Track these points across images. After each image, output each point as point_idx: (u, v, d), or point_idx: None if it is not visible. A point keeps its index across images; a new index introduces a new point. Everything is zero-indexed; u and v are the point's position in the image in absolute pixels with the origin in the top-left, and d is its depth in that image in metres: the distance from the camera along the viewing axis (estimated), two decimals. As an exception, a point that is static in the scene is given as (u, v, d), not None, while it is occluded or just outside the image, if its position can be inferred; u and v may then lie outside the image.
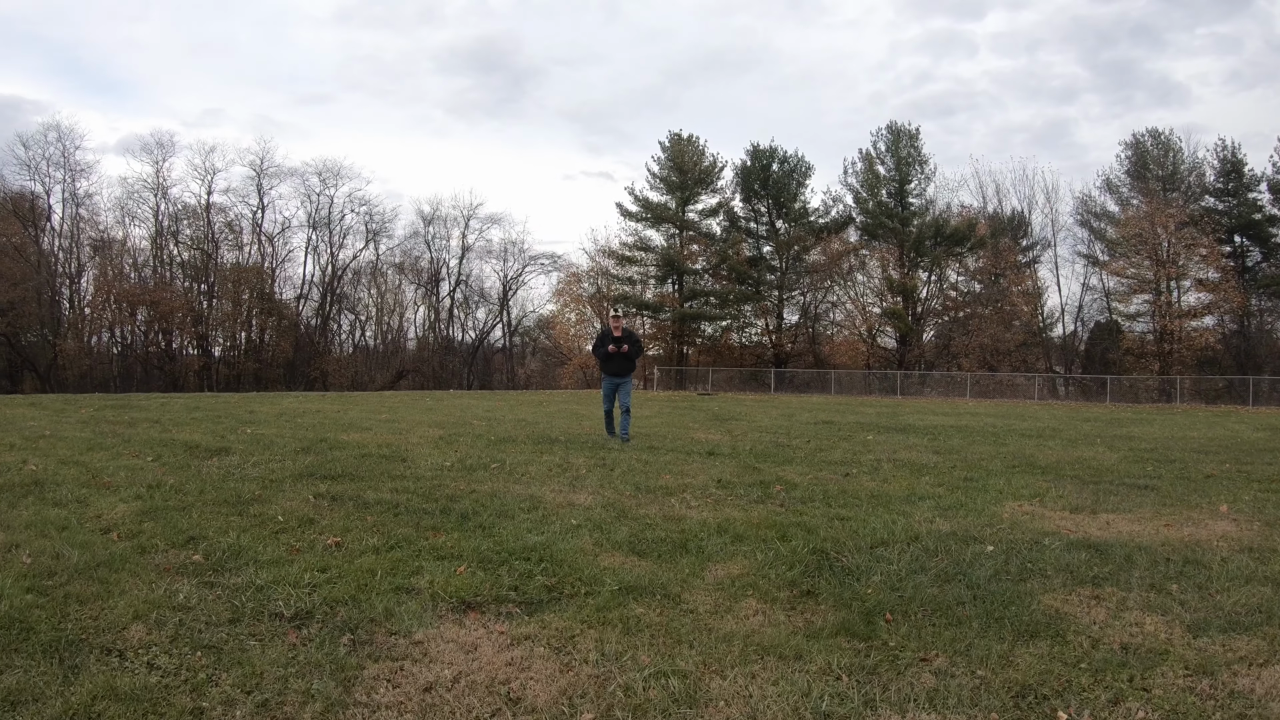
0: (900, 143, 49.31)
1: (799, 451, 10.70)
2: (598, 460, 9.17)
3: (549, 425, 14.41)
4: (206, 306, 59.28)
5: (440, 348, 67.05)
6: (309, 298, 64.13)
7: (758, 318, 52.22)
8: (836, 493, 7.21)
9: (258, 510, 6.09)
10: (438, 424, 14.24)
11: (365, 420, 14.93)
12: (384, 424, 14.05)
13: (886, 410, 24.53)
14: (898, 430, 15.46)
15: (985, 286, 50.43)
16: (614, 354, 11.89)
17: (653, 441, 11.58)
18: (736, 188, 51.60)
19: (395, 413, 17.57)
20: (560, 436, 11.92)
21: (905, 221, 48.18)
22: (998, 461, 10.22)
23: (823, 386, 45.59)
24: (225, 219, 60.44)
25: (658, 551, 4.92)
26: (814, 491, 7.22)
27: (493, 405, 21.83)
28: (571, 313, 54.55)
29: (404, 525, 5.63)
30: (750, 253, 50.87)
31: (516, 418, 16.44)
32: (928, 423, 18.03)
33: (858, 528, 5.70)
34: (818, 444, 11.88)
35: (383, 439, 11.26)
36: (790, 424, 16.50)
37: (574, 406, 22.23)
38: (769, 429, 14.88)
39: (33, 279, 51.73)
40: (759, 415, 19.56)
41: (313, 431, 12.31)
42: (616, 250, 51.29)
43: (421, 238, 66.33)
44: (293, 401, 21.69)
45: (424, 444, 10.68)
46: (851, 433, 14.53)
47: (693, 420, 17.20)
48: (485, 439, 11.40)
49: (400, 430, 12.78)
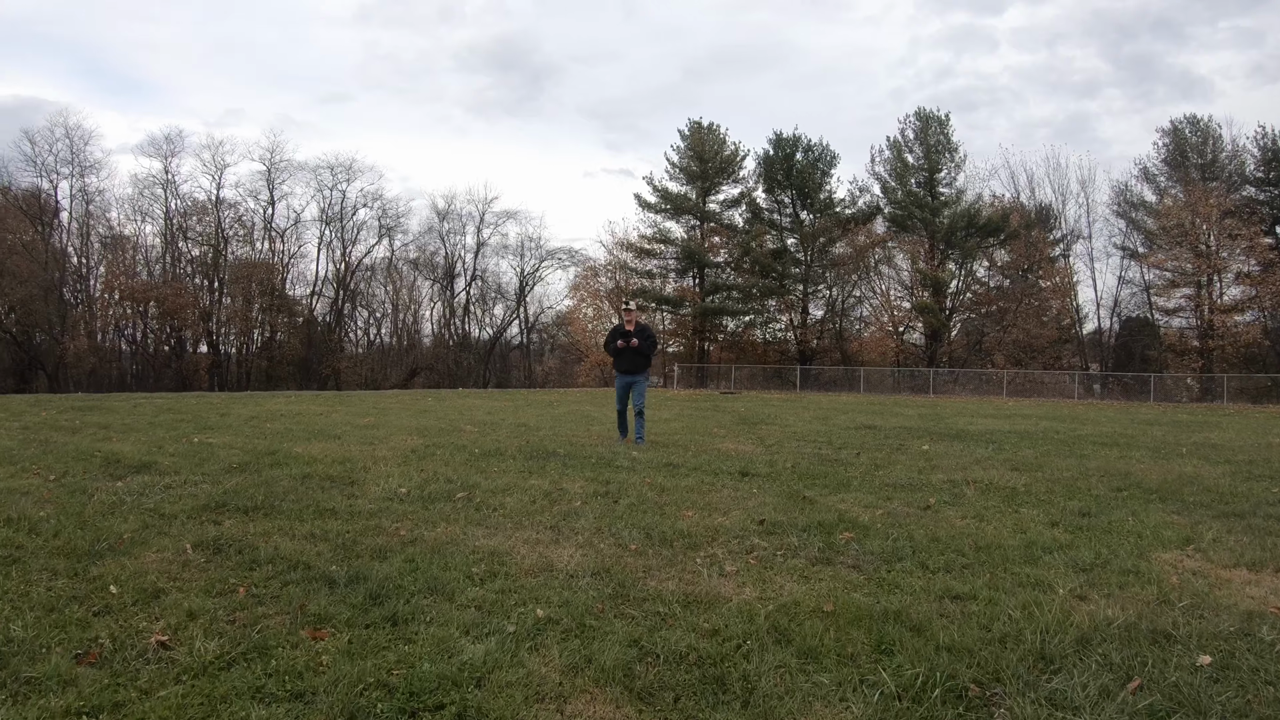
0: (929, 130, 46.95)
1: (852, 469, 8.64)
2: (600, 485, 7.16)
3: (551, 432, 12.41)
4: (216, 303, 57.93)
5: (455, 345, 65.44)
6: (322, 294, 62.73)
7: (781, 313, 50.03)
8: (926, 541, 5.16)
9: (104, 569, 4.34)
10: (422, 430, 12.29)
11: (342, 425, 13.03)
12: (360, 430, 12.13)
13: (926, 411, 22.40)
14: (951, 437, 13.39)
15: (1015, 280, 48.12)
16: (625, 349, 10.89)
17: (671, 454, 9.56)
18: (759, 178, 49.38)
19: (383, 416, 15.66)
20: (560, 449, 9.91)
21: (935, 212, 45.83)
22: (1095, 481, 8.15)
23: (850, 385, 43.44)
24: (235, 214, 59.07)
25: (674, 694, 2.88)
26: (896, 540, 5.16)
27: (496, 406, 19.89)
28: (589, 308, 52.62)
29: (280, 609, 3.67)
30: (774, 245, 48.60)
31: (517, 422, 14.47)
32: (979, 427, 15.92)
33: (987, 619, 3.64)
34: (870, 457, 9.82)
35: (345, 451, 9.33)
36: (828, 429, 14.43)
37: (586, 408, 20.25)
38: (806, 436, 12.82)
39: (41, 277, 50.62)
40: (790, 418, 17.49)
41: (269, 441, 10.42)
42: (635, 243, 49.30)
43: (436, 233, 64.77)
44: (279, 403, 19.85)
45: (390, 459, 8.73)
46: (901, 440, 12.46)
47: (717, 424, 15.16)
48: (468, 451, 9.42)
49: (374, 439, 10.85)
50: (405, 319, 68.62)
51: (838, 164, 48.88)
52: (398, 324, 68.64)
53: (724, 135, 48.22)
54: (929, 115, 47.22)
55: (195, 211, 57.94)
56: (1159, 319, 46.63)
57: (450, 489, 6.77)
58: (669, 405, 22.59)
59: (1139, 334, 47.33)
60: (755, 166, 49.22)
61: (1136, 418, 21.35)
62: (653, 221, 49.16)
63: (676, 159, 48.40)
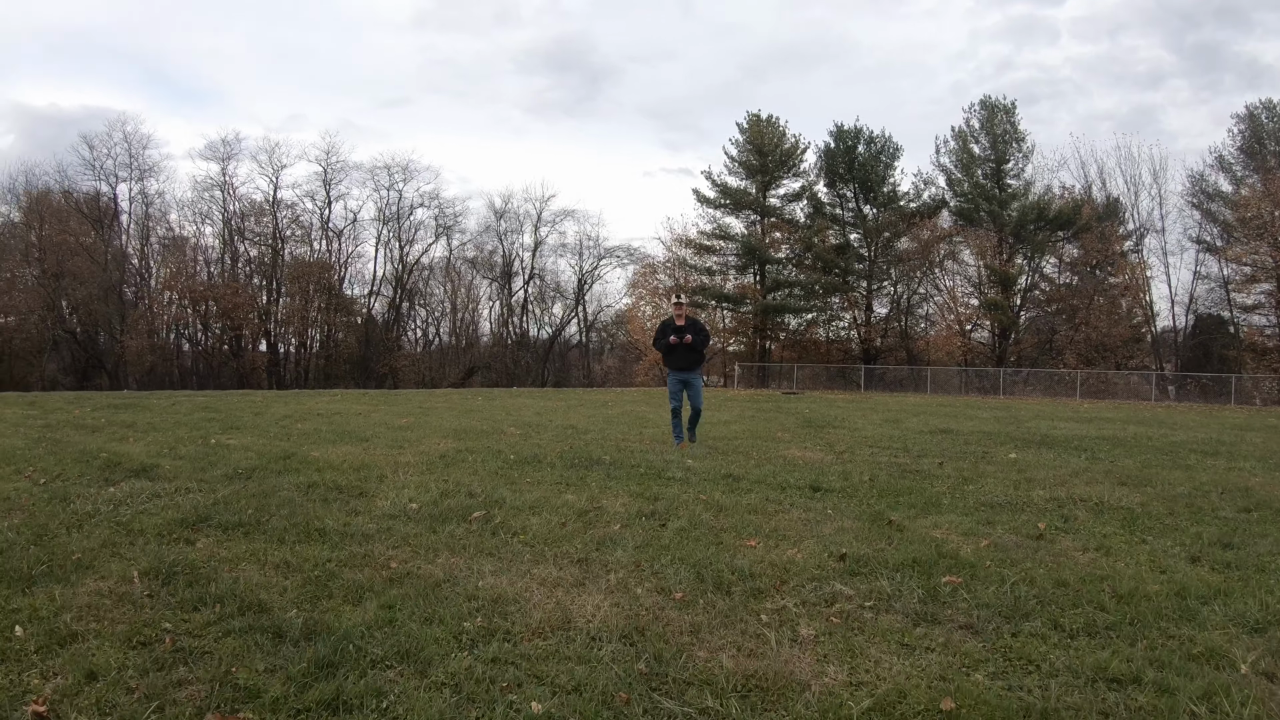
0: (995, 119, 44.85)
1: (938, 483, 7.47)
2: (646, 501, 6.13)
3: (600, 436, 11.41)
4: (273, 303, 58.34)
5: (514, 344, 65.06)
6: (380, 294, 62.87)
7: (844, 310, 48.39)
8: (1051, 587, 4.01)
9: (29, 600, 3.64)
10: (460, 433, 11.39)
11: (377, 426, 12.22)
12: (394, 432, 11.28)
13: (1001, 414, 20.92)
14: (1037, 443, 12.07)
15: (1084, 276, 45.86)
16: (677, 345, 10.17)
17: (731, 463, 8.50)
18: (820, 172, 47.63)
19: (425, 416, 14.85)
20: (607, 455, 8.89)
21: (1003, 204, 43.79)
22: (1216, 499, 6.89)
23: (917, 385, 41.78)
24: (292, 215, 59.45)
25: None
26: (1014, 586, 4.00)
27: (547, 406, 19.00)
28: (647, 305, 51.62)
29: (204, 674, 2.75)
30: (836, 240, 46.98)
31: (565, 424, 13.51)
32: (1063, 432, 14.50)
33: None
34: (955, 468, 8.63)
35: (367, 456, 8.47)
36: (901, 433, 13.18)
37: (641, 408, 19.25)
38: (878, 441, 11.61)
39: (101, 278, 51.51)
40: (858, 420, 16.24)
41: (291, 443, 9.64)
42: (694, 239, 47.99)
43: (494, 232, 64.48)
44: (323, 401, 19.23)
45: (414, 466, 7.83)
46: (984, 447, 11.20)
47: (780, 427, 14.01)
48: (502, 458, 8.47)
49: (404, 442, 9.98)
50: (463, 318, 68.53)
51: (901, 156, 47.05)
52: (456, 323, 68.59)
53: (784, 128, 46.74)
54: (994, 104, 45.16)
55: (253, 213, 58.45)
56: (1237, 316, 44.04)
57: (469, 505, 5.80)
58: (729, 406, 21.47)
59: (1215, 332, 44.76)
60: (816, 160, 47.58)
61: (1225, 422, 19.66)
62: (712, 217, 47.88)
63: (735, 153, 47.05)
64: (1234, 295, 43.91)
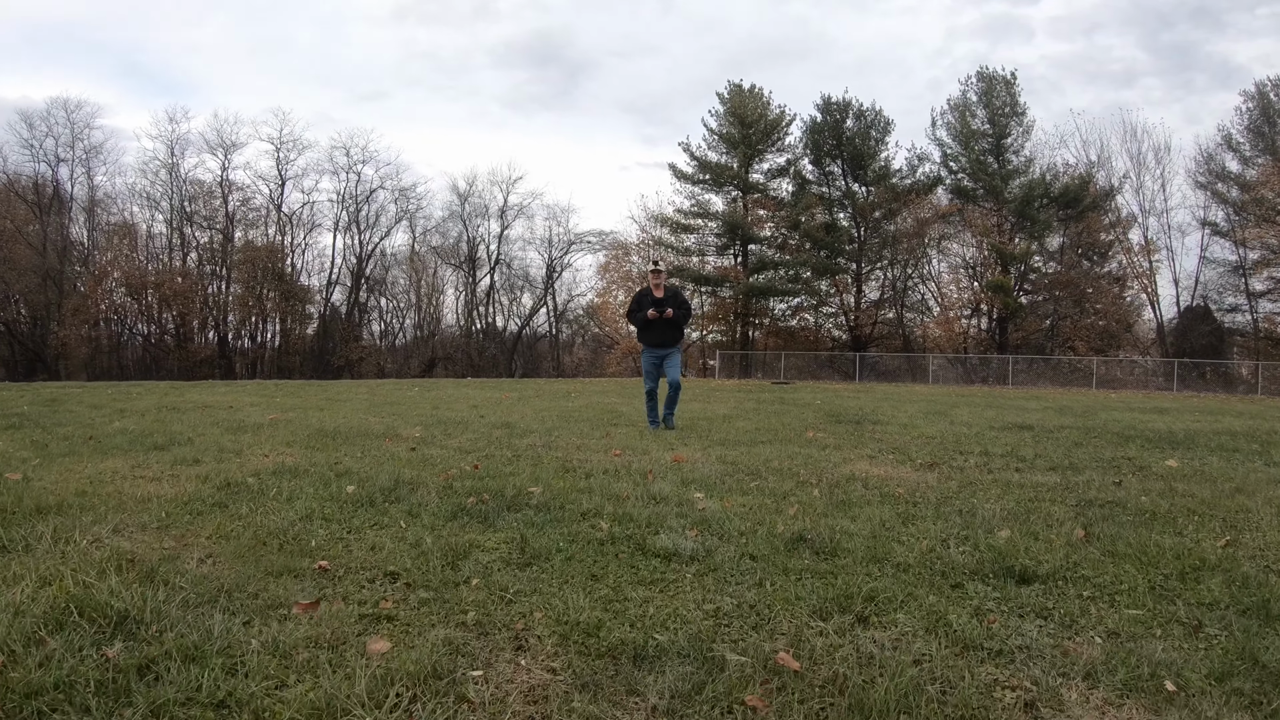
0: (994, 92, 41.32)
1: (1185, 530, 3.75)
2: (594, 650, 2.36)
3: (544, 441, 7.45)
4: (223, 291, 54.00)
5: (479, 335, 61.07)
6: (340, 282, 58.67)
7: (833, 294, 44.72)
8: None
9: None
10: (330, 436, 7.44)
11: (231, 425, 8.30)
12: (242, 435, 7.37)
13: (1049, 405, 17.37)
14: (1167, 442, 8.51)
15: (1089, 257, 42.64)
16: (655, 320, 8.89)
17: (776, 492, 4.72)
18: (805, 148, 43.87)
19: (319, 410, 10.96)
20: (538, 486, 4.88)
21: (1005, 180, 40.33)
22: None
23: (914, 374, 38.36)
24: (243, 197, 55.03)
25: None
26: None
27: (492, 398, 15.12)
28: (619, 291, 47.71)
29: None
30: (823, 219, 43.30)
31: (500, 421, 9.60)
32: (1170, 427, 10.96)
33: None
34: (1144, 489, 4.93)
35: (119, 482, 4.62)
36: (971, 431, 9.43)
37: (610, 399, 15.43)
38: (957, 444, 7.87)
39: (40, 265, 47.21)
40: (892, 411, 12.47)
41: (62, 445, 5.75)
42: (671, 217, 44.10)
43: (458, 216, 60.38)
44: (221, 393, 15.25)
45: (162, 500, 3.98)
46: (1109, 449, 7.63)
47: (802, 422, 10.23)
48: (335, 490, 4.53)
49: (235, 450, 6.15)
50: (427, 308, 64.46)
51: (893, 130, 43.38)
52: (420, 314, 64.51)
53: (767, 98, 42.92)
54: (993, 76, 41.64)
55: (202, 195, 54.03)
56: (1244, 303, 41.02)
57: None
58: (719, 397, 17.69)
59: (1202, 320, 41.66)
60: (802, 135, 43.81)
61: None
62: (691, 194, 43.99)
63: (715, 125, 43.15)
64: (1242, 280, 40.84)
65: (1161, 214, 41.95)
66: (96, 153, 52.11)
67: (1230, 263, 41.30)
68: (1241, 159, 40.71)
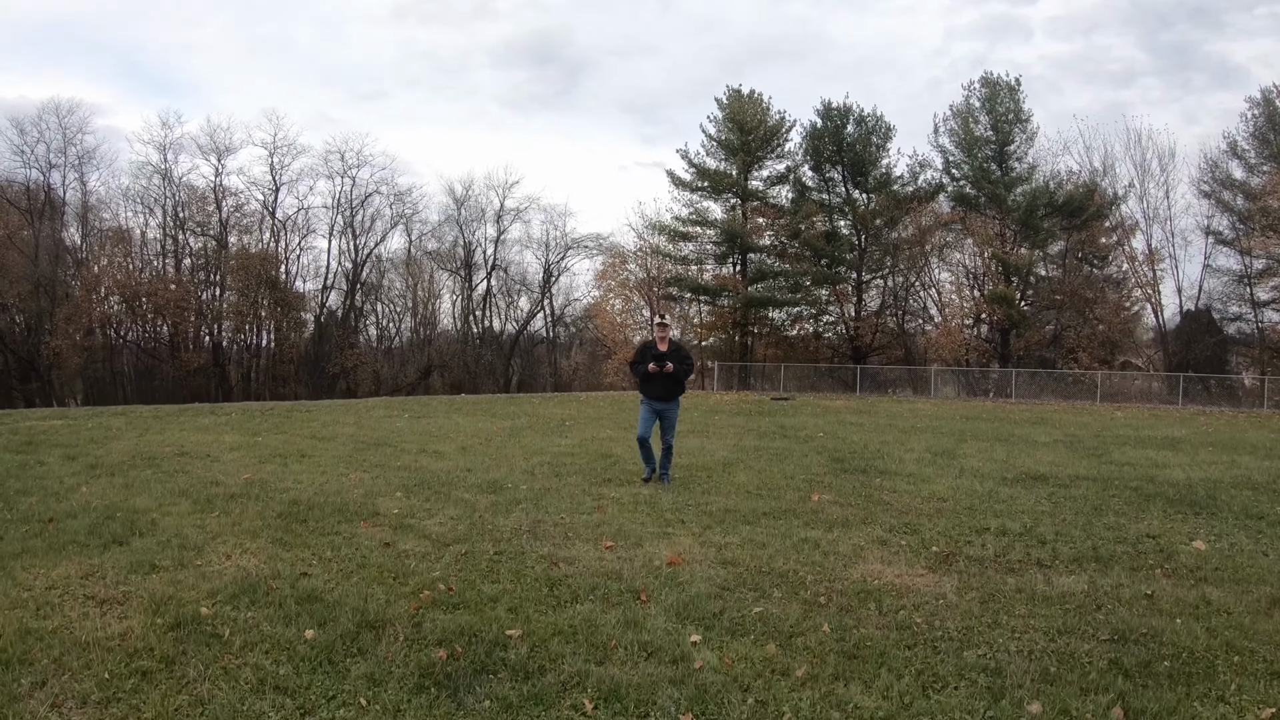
0: (998, 98, 40.83)
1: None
2: None
3: (535, 520, 7.01)
4: (217, 298, 53.52)
5: (476, 341, 60.61)
6: (334, 287, 58.22)
7: (832, 302, 44.23)
8: None
9: None
10: (304, 517, 7.00)
11: (185, 494, 7.87)
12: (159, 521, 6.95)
13: (1054, 431, 16.95)
14: (1169, 504, 8.31)
15: (1094, 267, 42.28)
16: (657, 374, 9.01)
17: (771, 629, 4.32)
18: (805, 153, 43.27)
19: (312, 454, 10.52)
20: (515, 629, 4.42)
21: (1009, 188, 39.87)
22: None
23: (915, 385, 38.00)
24: (237, 203, 54.55)
25: None
26: None
27: (485, 430, 14.68)
28: (616, 299, 47.26)
29: None
30: (823, 227, 42.81)
31: (489, 480, 9.17)
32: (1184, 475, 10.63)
33: None
34: (1178, 606, 4.52)
35: (76, 618, 4.21)
36: (981, 486, 8.98)
37: (605, 431, 15.03)
38: (970, 508, 7.43)
39: (32, 273, 46.73)
40: (897, 451, 12.02)
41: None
42: (669, 225, 43.54)
43: (454, 220, 59.92)
44: (202, 430, 14.79)
45: None
46: (1127, 517, 7.28)
47: (804, 472, 9.81)
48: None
49: (190, 548, 5.71)
50: (423, 313, 64.00)
51: (894, 136, 42.82)
52: (416, 319, 64.06)
53: (767, 104, 42.39)
54: (997, 81, 41.13)
55: (195, 201, 53.53)
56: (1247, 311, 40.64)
57: None
58: (716, 423, 17.27)
59: (1207, 330, 41.26)
60: (801, 140, 43.19)
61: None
62: (688, 201, 43.33)
63: (714, 131, 42.60)
64: (1248, 289, 40.41)
65: (1165, 221, 41.57)
66: (89, 158, 51.70)
67: (1234, 272, 40.90)
68: (1247, 166, 40.26)
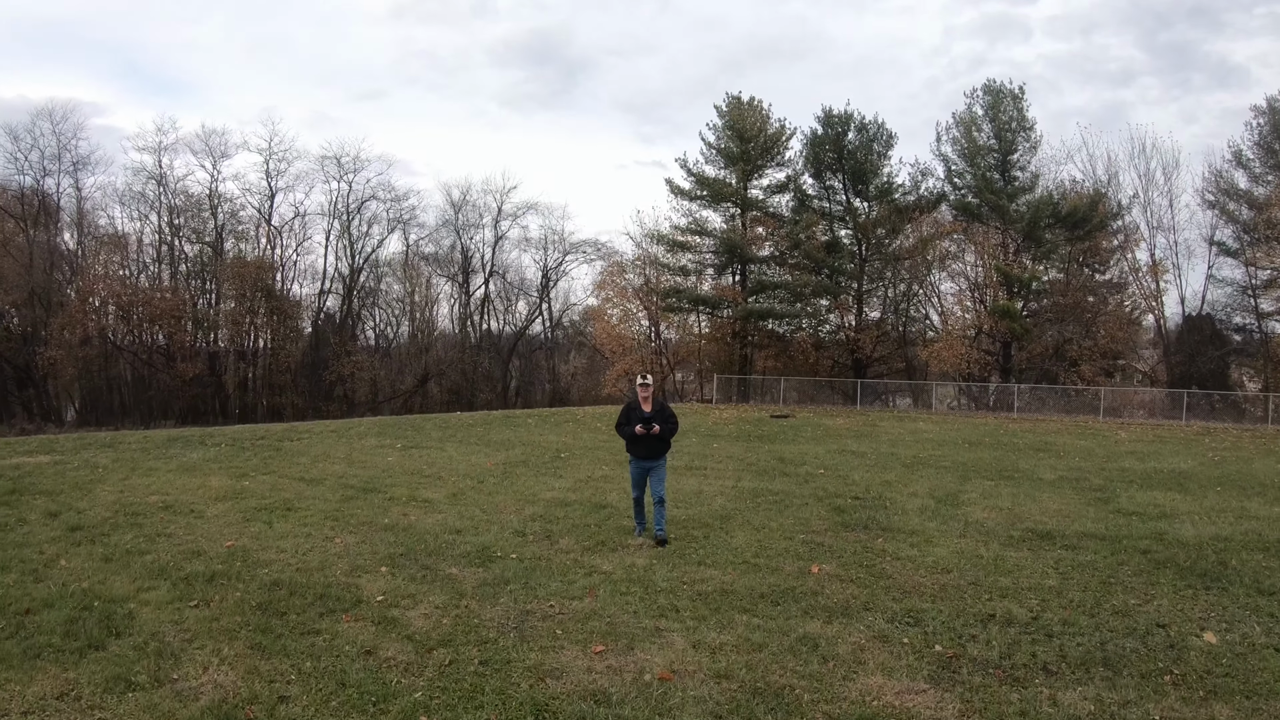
0: (1001, 106, 40.41)
1: None
2: None
3: (523, 613, 6.65)
4: (213, 305, 53.19)
5: (473, 347, 60.26)
6: (331, 292, 57.93)
7: (830, 311, 43.86)
8: None
9: None
10: (284, 607, 6.64)
11: (164, 574, 7.55)
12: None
13: (1057, 463, 16.62)
14: (1180, 571, 8.13)
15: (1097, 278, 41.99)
16: (643, 436, 9.21)
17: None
18: (806, 161, 42.81)
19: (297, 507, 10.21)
20: None
21: (1011, 198, 39.51)
22: None
23: (916, 398, 37.73)
24: (232, 209, 54.21)
25: None
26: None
27: (477, 469, 14.35)
28: (615, 309, 46.87)
29: None
30: (824, 236, 42.41)
31: (479, 549, 8.85)
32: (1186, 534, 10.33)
33: None
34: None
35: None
36: (987, 550, 8.65)
37: (601, 470, 14.70)
38: (976, 584, 7.09)
39: (26, 281, 46.38)
40: (898, 497, 11.66)
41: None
42: (667, 235, 43.06)
43: (452, 226, 59.59)
44: (189, 474, 14.48)
45: None
46: (1125, 587, 7.15)
47: (803, 527, 9.49)
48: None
49: (167, 654, 5.40)
50: (420, 318, 63.65)
51: (895, 144, 42.32)
52: (414, 324, 63.71)
53: (767, 111, 41.95)
54: (1000, 89, 40.67)
55: (190, 208, 53.21)
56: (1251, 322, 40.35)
57: None
58: (714, 453, 16.94)
59: (1211, 340, 40.95)
60: (802, 148, 42.67)
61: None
62: (687, 210, 42.81)
63: (713, 139, 42.15)
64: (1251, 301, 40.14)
65: (1169, 231, 41.28)
66: (85, 163, 51.39)
67: (1238, 282, 40.61)
68: (1251, 176, 39.92)
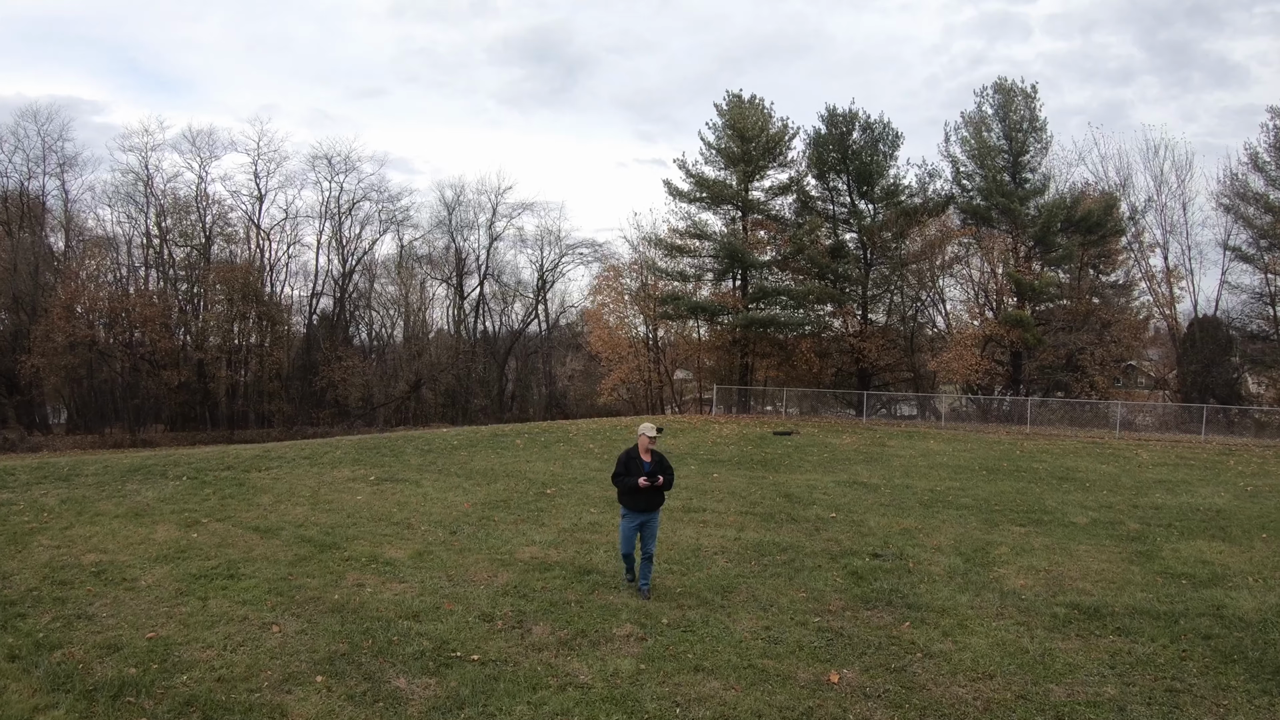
0: (1012, 105, 38.79)
1: None
2: None
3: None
4: (199, 311, 51.75)
5: (467, 351, 58.84)
6: (323, 295, 56.51)
7: (834, 318, 42.29)
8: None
9: None
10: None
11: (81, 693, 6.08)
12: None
13: (1084, 498, 15.14)
14: (1250, 667, 6.53)
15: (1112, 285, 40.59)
16: (643, 489, 8.70)
17: None
18: (809, 162, 40.99)
19: (246, 567, 8.76)
20: None
21: (1022, 201, 37.95)
22: None
23: (923, 411, 36.24)
24: (220, 211, 52.75)
25: None
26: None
27: (453, 510, 12.91)
28: (611, 315, 45.32)
29: None
30: (828, 240, 40.82)
31: (439, 642, 7.43)
32: (1245, 607, 8.89)
33: None
34: None
35: None
36: (1027, 652, 7.23)
37: (591, 513, 13.28)
38: (1016, 688, 5.65)
39: (8, 285, 45.02)
40: (924, 557, 10.21)
41: None
42: (665, 238, 41.33)
43: (445, 227, 58.15)
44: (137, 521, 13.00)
45: None
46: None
47: (816, 605, 8.05)
48: None
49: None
50: (415, 320, 62.19)
51: (902, 144, 40.58)
52: (408, 327, 62.26)
53: (769, 110, 40.27)
54: (1010, 88, 39.02)
55: (177, 210, 51.76)
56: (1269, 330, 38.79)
57: None
58: (714, 487, 15.47)
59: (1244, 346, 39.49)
60: (805, 148, 40.89)
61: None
62: (686, 213, 40.97)
63: (713, 138, 40.41)
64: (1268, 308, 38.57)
65: (1183, 235, 39.76)
66: (71, 164, 50.04)
67: (1253, 289, 39.08)
68: (1268, 179, 38.38)
